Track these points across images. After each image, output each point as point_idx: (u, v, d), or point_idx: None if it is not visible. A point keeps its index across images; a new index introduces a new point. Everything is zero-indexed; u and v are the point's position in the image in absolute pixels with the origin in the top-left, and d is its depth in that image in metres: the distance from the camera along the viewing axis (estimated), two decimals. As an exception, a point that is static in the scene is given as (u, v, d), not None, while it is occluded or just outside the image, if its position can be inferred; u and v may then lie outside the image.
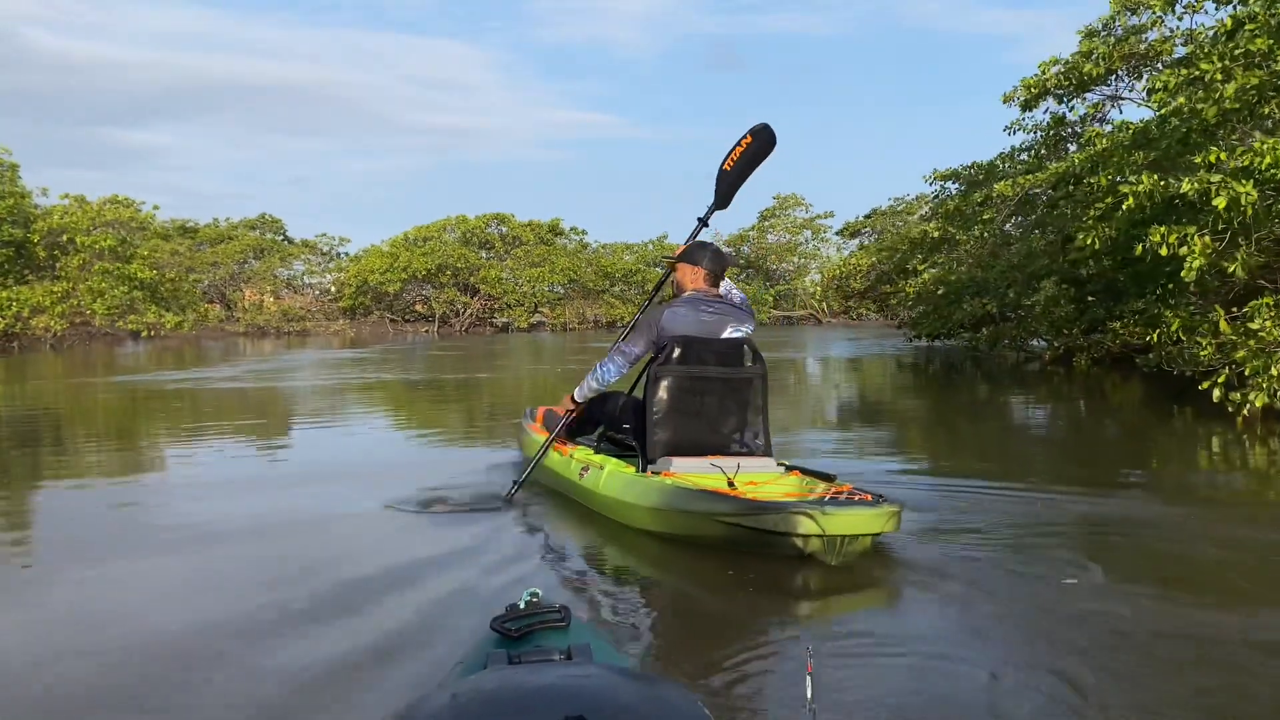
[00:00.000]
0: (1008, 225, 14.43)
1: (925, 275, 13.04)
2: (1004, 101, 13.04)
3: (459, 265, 39.25)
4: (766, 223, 49.84)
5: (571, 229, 44.14)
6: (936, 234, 13.44)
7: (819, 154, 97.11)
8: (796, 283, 49.53)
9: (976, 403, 10.43)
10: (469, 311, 40.13)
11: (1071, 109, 12.18)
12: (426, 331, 38.91)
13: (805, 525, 3.26)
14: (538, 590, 1.80)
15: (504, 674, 1.36)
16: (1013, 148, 14.19)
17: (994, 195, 12.13)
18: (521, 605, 1.73)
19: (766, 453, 4.21)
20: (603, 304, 41.57)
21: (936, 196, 15.87)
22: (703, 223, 5.09)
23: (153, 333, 26.49)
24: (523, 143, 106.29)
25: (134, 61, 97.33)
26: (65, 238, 26.27)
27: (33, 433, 8.01)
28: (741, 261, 50.10)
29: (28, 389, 12.83)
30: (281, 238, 44.84)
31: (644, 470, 4.11)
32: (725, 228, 62.81)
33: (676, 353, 4.14)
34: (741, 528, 3.44)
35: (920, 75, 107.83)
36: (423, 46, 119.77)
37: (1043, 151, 12.92)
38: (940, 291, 12.25)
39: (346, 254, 44.55)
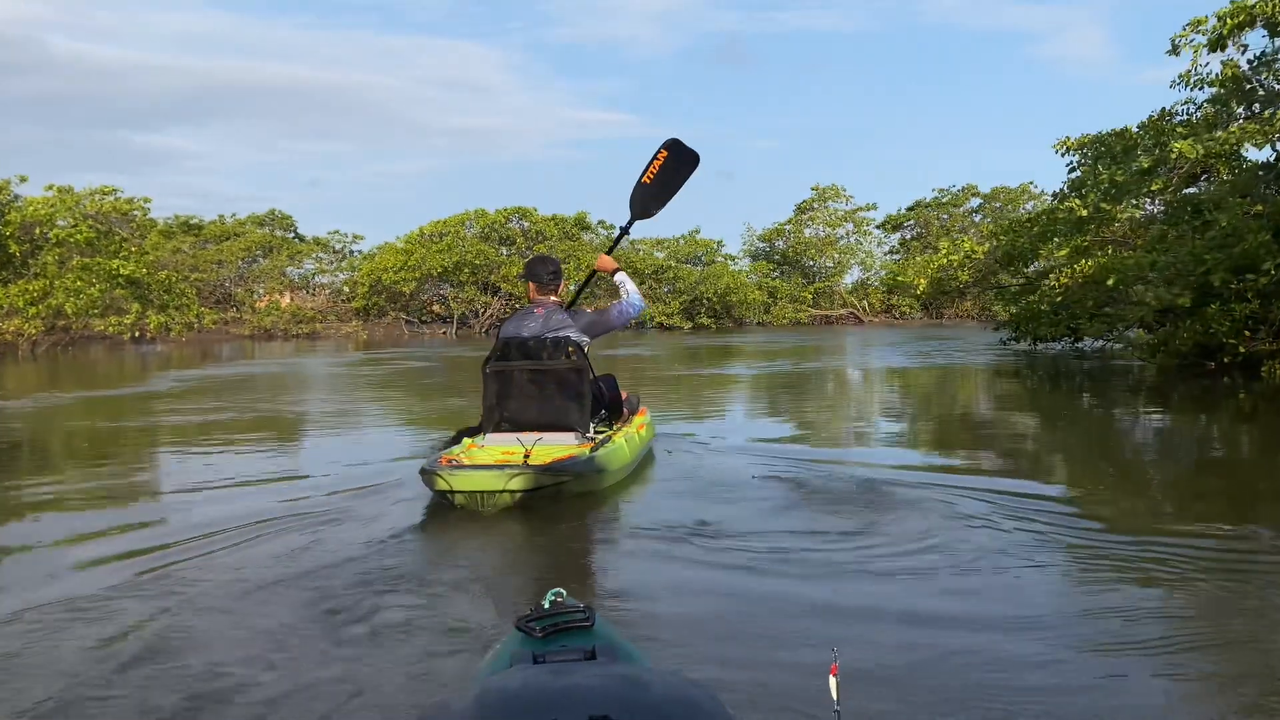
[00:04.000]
0: (1148, 204, 11.61)
1: (1085, 263, 10.23)
2: (1171, 52, 10.27)
3: (478, 262, 36.59)
4: (804, 215, 46.85)
5: (599, 222, 41.38)
6: (1085, 211, 10.61)
7: (843, 150, 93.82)
8: (836, 279, 46.56)
9: (1182, 438, 7.66)
10: (489, 312, 37.46)
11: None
12: (444, 334, 36.34)
13: (439, 483, 4.33)
14: (562, 590, 1.76)
15: (529, 673, 1.36)
16: (1163, 109, 11.38)
17: (1171, 158, 9.33)
18: (546, 605, 1.70)
19: (574, 428, 5.04)
20: (631, 303, 38.78)
21: (1072, 169, 13.00)
22: (624, 231, 5.90)
23: (138, 334, 23.92)
24: (542, 143, 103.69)
25: (152, 65, 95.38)
26: (38, 231, 23.71)
27: None
28: (777, 257, 47.24)
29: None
30: (292, 235, 42.38)
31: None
32: (759, 222, 60.13)
33: (498, 351, 5.15)
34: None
35: (943, 71, 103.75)
36: (440, 48, 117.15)
37: (1238, 104, 10.01)
38: (1110, 281, 9.44)
39: (359, 252, 42.03)
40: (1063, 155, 12.99)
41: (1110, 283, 9.51)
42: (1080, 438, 7.51)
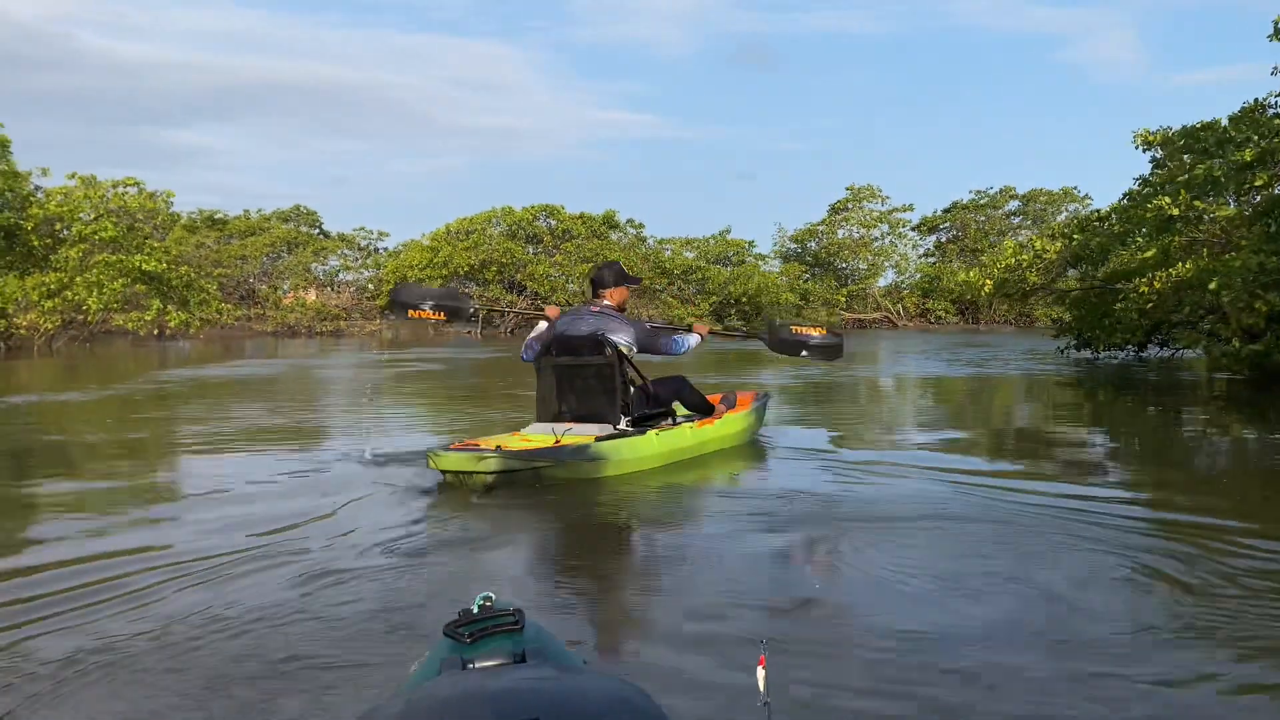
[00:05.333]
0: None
1: (1183, 265, 9.24)
2: (1273, 36, 9.31)
3: (504, 260, 35.87)
4: (838, 216, 45.73)
5: (628, 221, 40.52)
6: (1177, 210, 9.61)
7: (868, 152, 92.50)
8: (869, 282, 45.42)
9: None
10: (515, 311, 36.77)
11: None
12: (469, 333, 35.69)
13: (430, 463, 4.85)
14: (491, 594, 1.73)
15: (457, 680, 1.35)
16: (1256, 100, 10.39)
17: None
18: (475, 609, 1.67)
19: (606, 420, 5.37)
20: (660, 304, 37.81)
21: (1157, 164, 11.96)
22: (744, 334, 8.02)
23: (158, 331, 23.34)
24: (565, 143, 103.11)
25: (179, 62, 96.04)
26: (59, 226, 23.15)
27: None
28: (809, 259, 46.19)
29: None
30: (317, 231, 41.88)
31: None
32: (792, 223, 59.16)
33: (546, 347, 5.55)
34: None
35: (971, 74, 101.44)
36: (464, 47, 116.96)
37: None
38: (1212, 285, 8.43)
39: (385, 249, 41.45)
40: (1143, 150, 12.01)
41: (1213, 287, 8.50)
42: (1228, 464, 6.54)
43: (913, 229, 47.13)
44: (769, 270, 42.11)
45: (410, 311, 5.85)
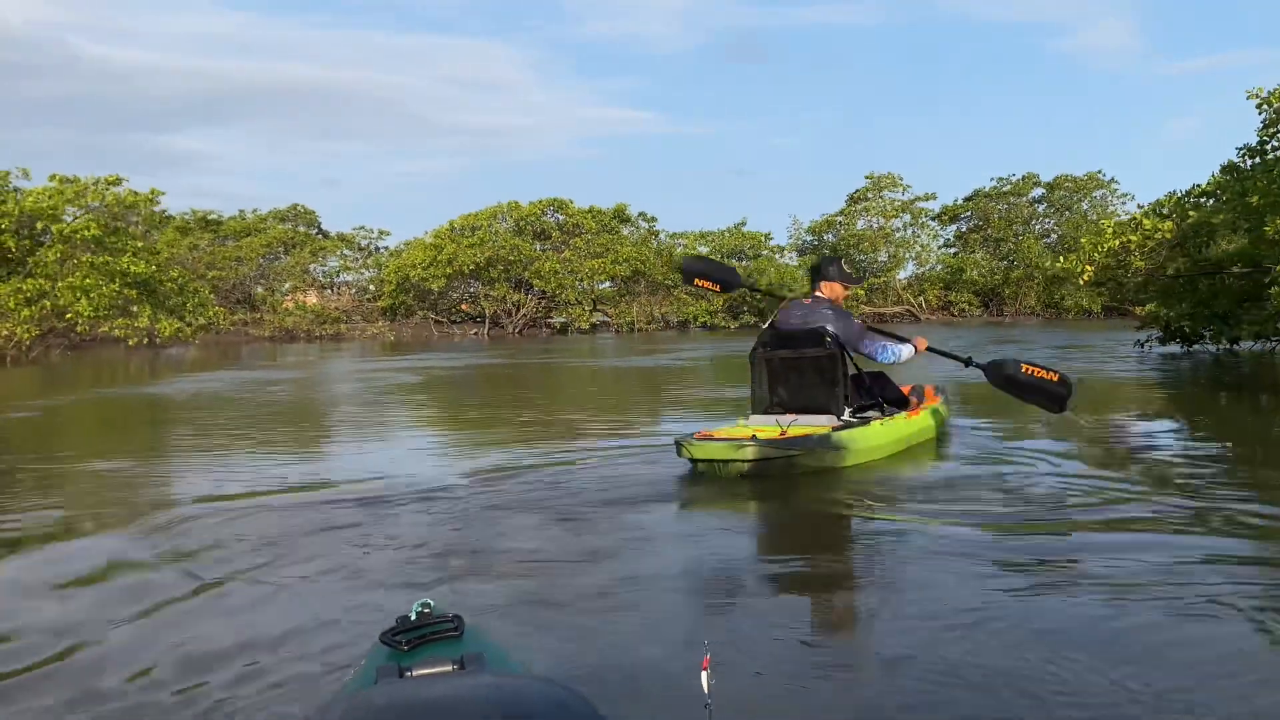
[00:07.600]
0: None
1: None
2: None
3: (511, 258, 34.25)
4: (857, 206, 44.02)
5: (640, 215, 38.87)
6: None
7: (867, 145, 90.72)
8: (891, 274, 43.73)
9: None
10: (522, 311, 35.14)
11: None
12: (476, 334, 34.11)
13: (684, 451, 5.00)
14: (430, 601, 1.72)
15: (393, 688, 1.32)
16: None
17: None
18: (413, 617, 1.67)
19: (829, 412, 5.42)
20: (673, 300, 36.21)
21: (1270, 124, 10.35)
22: (965, 362, 5.91)
23: (147, 339, 21.72)
24: (562, 141, 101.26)
25: (171, 67, 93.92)
26: (40, 225, 21.51)
27: None
28: (826, 251, 44.55)
29: None
30: (315, 230, 40.22)
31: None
32: (807, 215, 57.52)
33: (765, 340, 5.69)
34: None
35: (965, 63, 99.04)
36: (458, 47, 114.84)
37: None
38: None
39: (385, 248, 39.80)
40: (1260, 110, 10.40)
41: None
42: None
43: (933, 219, 45.44)
44: (786, 263, 40.47)
45: (696, 280, 6.35)
